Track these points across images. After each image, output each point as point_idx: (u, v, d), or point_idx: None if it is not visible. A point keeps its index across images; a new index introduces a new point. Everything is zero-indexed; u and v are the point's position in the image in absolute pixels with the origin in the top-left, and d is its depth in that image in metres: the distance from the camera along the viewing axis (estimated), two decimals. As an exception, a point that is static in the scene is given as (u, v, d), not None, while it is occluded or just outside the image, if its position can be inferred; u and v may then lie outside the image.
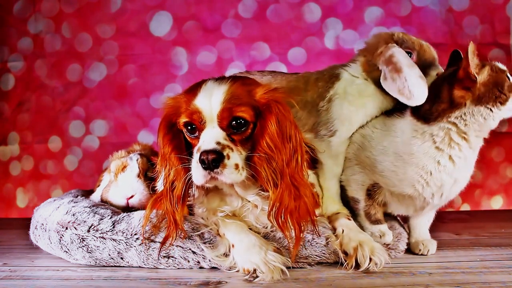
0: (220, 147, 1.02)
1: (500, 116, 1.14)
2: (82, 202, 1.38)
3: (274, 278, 1.07)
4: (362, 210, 1.30)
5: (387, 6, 2.08)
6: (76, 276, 1.17)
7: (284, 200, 1.06)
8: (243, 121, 1.06)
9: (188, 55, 2.13)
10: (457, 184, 1.22)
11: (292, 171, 1.08)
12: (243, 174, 1.05)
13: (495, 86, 1.12)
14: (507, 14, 2.03)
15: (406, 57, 1.28)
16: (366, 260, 1.12)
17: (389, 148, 1.22)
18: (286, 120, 1.08)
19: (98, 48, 2.15)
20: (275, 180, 1.06)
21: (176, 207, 1.11)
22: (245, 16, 2.12)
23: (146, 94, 2.14)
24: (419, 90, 1.21)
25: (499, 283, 1.04)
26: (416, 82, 1.23)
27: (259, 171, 1.05)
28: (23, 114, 2.18)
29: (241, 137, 1.07)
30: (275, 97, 1.10)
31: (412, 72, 1.24)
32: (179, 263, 1.19)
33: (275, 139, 1.06)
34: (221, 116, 1.05)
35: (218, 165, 1.01)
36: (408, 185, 1.20)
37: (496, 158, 2.08)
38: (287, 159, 1.07)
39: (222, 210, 1.18)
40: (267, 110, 1.08)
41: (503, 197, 2.09)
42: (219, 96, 1.05)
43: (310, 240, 1.19)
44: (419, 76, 1.24)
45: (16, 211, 2.17)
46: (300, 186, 1.09)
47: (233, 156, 1.03)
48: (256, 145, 1.07)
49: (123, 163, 1.48)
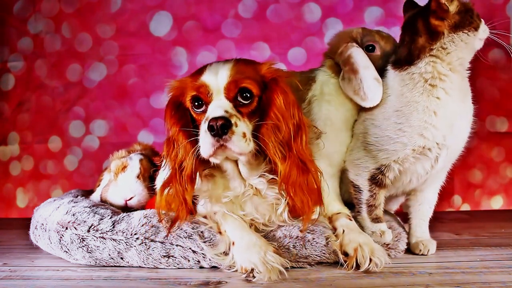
0: (228, 115, 1.04)
1: (478, 37, 1.20)
2: (82, 202, 1.38)
3: (272, 278, 1.07)
4: (365, 201, 1.29)
5: (387, 6, 2.08)
6: (76, 276, 1.17)
7: (293, 173, 1.09)
8: (249, 94, 1.09)
9: (188, 55, 2.13)
10: (462, 119, 1.22)
11: (298, 146, 1.11)
12: (250, 144, 1.07)
13: (466, 13, 1.19)
14: (507, 14, 2.03)
15: (363, 57, 1.29)
16: (366, 261, 1.12)
17: (388, 110, 1.23)
18: (289, 97, 1.13)
19: (98, 48, 2.15)
20: (283, 151, 1.08)
21: (185, 186, 1.12)
22: (245, 16, 2.12)
23: (146, 94, 2.14)
24: (373, 91, 1.24)
25: (499, 283, 1.04)
26: (371, 84, 1.25)
27: (267, 142, 1.07)
28: (23, 114, 2.18)
29: (247, 110, 1.10)
30: (280, 73, 1.15)
31: (368, 73, 1.26)
32: (179, 262, 1.19)
33: (282, 110, 1.10)
34: (228, 88, 1.08)
35: (227, 131, 1.02)
36: (418, 137, 1.20)
37: (496, 158, 2.08)
38: (294, 133, 1.10)
39: (226, 195, 1.19)
40: (273, 82, 1.12)
41: (503, 197, 2.09)
42: (226, 71, 1.10)
43: (310, 240, 1.19)
44: (374, 77, 1.26)
45: (16, 211, 2.17)
46: (307, 161, 1.12)
47: (240, 124, 1.05)
48: (264, 116, 1.10)
49: (123, 163, 1.49)
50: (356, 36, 1.34)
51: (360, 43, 1.33)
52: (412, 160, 1.24)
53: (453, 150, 1.26)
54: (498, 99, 2.03)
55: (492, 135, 2.05)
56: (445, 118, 1.19)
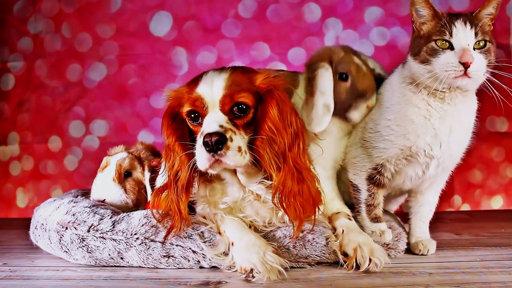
0: (223, 130, 1.04)
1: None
2: (82, 202, 1.38)
3: (271, 278, 1.07)
4: (364, 201, 1.29)
5: (387, 6, 2.07)
6: (76, 276, 1.17)
7: (288, 183, 1.08)
8: (245, 106, 1.09)
9: (188, 55, 2.13)
10: (456, 134, 1.19)
11: (294, 155, 1.10)
12: (246, 157, 1.07)
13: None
14: (507, 14, 2.03)
15: (326, 81, 1.26)
16: (366, 261, 1.12)
17: (384, 104, 1.24)
18: (286, 105, 1.12)
19: (98, 48, 2.15)
20: (278, 163, 1.08)
21: (180, 196, 1.13)
22: (245, 16, 2.12)
23: (146, 94, 2.14)
24: (319, 118, 1.23)
25: (499, 283, 1.04)
26: (320, 109, 1.24)
27: (262, 154, 1.07)
28: (23, 114, 2.18)
29: (243, 122, 1.09)
30: (275, 83, 1.13)
31: (321, 98, 1.24)
32: (179, 262, 1.19)
33: (276, 122, 1.09)
34: (223, 102, 1.08)
35: (221, 147, 1.03)
36: (402, 138, 1.19)
37: (496, 158, 2.08)
38: (289, 143, 1.10)
39: (224, 202, 1.19)
40: (268, 94, 1.11)
41: (503, 197, 2.09)
42: (221, 83, 1.09)
43: (310, 240, 1.19)
44: (324, 104, 1.24)
45: (16, 211, 2.17)
46: (302, 170, 1.11)
47: (236, 138, 1.05)
48: (258, 129, 1.10)
49: (107, 161, 1.48)
50: (334, 58, 1.30)
51: (334, 67, 1.29)
52: (405, 161, 1.24)
53: (446, 162, 1.24)
54: (498, 99, 2.03)
55: (492, 135, 2.05)
56: (432, 129, 1.17)
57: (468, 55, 1.09)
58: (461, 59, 1.09)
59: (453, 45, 1.12)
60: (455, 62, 1.10)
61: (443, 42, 1.13)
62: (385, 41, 2.07)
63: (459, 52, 1.10)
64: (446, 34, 1.13)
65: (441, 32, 1.13)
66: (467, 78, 1.11)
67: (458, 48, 1.11)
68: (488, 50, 1.14)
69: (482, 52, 1.12)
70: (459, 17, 1.14)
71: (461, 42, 1.11)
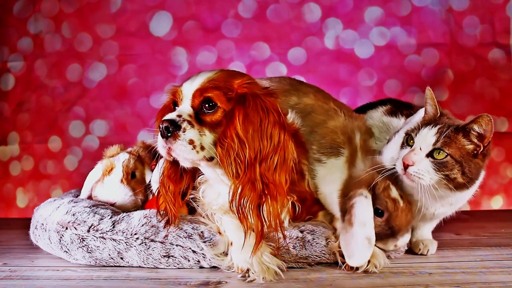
0: (179, 120, 1.06)
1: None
2: (82, 202, 1.38)
3: (267, 279, 1.06)
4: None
5: (387, 6, 2.08)
6: (76, 276, 1.17)
7: (245, 192, 1.05)
8: (212, 103, 1.09)
9: (188, 55, 2.13)
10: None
11: (265, 169, 1.06)
12: (200, 153, 1.07)
13: None
14: (507, 14, 2.02)
15: (366, 211, 1.13)
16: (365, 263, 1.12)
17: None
18: (259, 115, 1.07)
19: (98, 48, 2.15)
20: (238, 170, 1.06)
21: (167, 187, 1.17)
22: (245, 16, 2.12)
23: (146, 94, 2.14)
24: (360, 251, 1.11)
25: (499, 283, 1.04)
26: (361, 243, 1.11)
27: (222, 157, 1.06)
28: (23, 114, 2.18)
29: (210, 120, 1.09)
30: (255, 91, 1.10)
31: (361, 230, 1.11)
32: (179, 262, 1.19)
33: (237, 130, 1.06)
34: (194, 95, 1.10)
35: (170, 134, 1.04)
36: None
37: (496, 158, 2.08)
38: (262, 156, 1.06)
39: (217, 203, 1.20)
40: (239, 101, 1.09)
41: (503, 197, 2.09)
42: (201, 79, 1.11)
43: (310, 240, 1.19)
44: (366, 236, 1.11)
45: (16, 211, 2.17)
46: (270, 185, 1.06)
47: (190, 131, 1.06)
48: (222, 132, 1.09)
49: (112, 163, 1.47)
50: (378, 190, 1.17)
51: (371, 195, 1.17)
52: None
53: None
54: (498, 99, 2.03)
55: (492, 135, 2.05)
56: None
57: (409, 156, 1.09)
58: (404, 157, 1.10)
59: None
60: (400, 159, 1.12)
61: (412, 140, 1.14)
62: (385, 41, 2.07)
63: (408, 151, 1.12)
64: (415, 132, 1.14)
65: (414, 129, 1.15)
66: (405, 178, 1.11)
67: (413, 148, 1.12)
68: (445, 165, 1.08)
69: (436, 163, 1.08)
70: (436, 124, 1.13)
71: (417, 143, 1.11)
